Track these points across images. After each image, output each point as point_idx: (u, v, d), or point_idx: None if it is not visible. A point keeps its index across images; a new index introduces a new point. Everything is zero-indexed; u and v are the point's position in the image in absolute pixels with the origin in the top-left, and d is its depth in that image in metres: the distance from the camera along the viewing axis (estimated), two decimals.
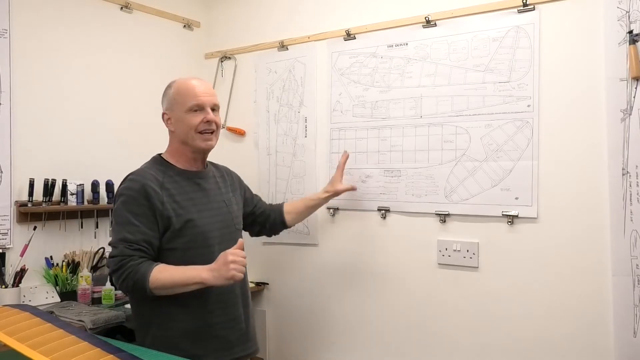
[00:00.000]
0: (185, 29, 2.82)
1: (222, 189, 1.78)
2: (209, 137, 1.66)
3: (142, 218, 1.54)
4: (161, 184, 1.60)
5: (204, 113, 1.64)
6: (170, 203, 1.58)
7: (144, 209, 1.54)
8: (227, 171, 1.91)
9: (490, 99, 2.00)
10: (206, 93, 1.66)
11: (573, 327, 1.86)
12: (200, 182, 1.70)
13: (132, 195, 1.56)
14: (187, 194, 1.64)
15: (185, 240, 1.59)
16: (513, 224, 1.96)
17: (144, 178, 1.59)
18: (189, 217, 1.60)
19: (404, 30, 2.20)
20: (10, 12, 2.10)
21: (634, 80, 1.72)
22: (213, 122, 1.65)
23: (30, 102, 2.17)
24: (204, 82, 1.71)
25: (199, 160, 1.73)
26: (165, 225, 1.57)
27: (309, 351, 2.51)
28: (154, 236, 1.55)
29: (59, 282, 2.17)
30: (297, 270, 2.54)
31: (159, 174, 1.63)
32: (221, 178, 1.82)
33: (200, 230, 1.62)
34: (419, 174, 2.16)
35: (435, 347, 2.15)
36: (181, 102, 1.64)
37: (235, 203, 1.83)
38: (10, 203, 2.10)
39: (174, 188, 1.62)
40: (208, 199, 1.70)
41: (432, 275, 2.15)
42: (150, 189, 1.56)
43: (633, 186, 1.73)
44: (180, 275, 1.49)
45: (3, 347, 1.28)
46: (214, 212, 1.70)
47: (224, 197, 1.77)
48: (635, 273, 1.73)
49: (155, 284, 1.48)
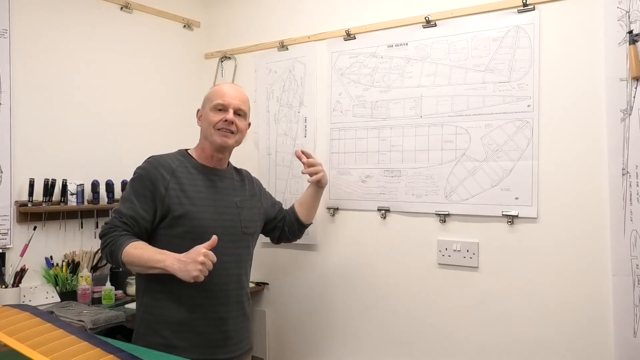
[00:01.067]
0: (185, 29, 2.82)
1: (237, 190, 1.80)
2: (226, 134, 1.70)
3: (142, 198, 1.61)
4: (173, 171, 1.67)
5: (225, 113, 1.70)
6: (176, 191, 1.64)
7: (145, 191, 1.62)
8: (249, 176, 1.93)
9: (490, 99, 2.00)
10: (233, 96, 1.72)
11: (573, 327, 1.86)
12: (214, 179, 1.74)
13: (142, 175, 1.65)
14: (197, 187, 1.69)
15: (182, 230, 1.63)
16: (513, 224, 1.96)
17: (157, 162, 1.67)
18: (190, 208, 1.64)
19: (404, 30, 2.20)
20: (10, 12, 2.10)
21: (634, 80, 1.72)
22: (233, 122, 1.70)
23: (30, 102, 2.17)
24: (236, 88, 1.78)
25: (219, 159, 1.76)
26: (166, 210, 1.62)
27: (308, 351, 2.51)
28: (144, 217, 1.61)
29: (59, 282, 2.17)
30: (297, 270, 2.54)
31: (176, 162, 1.70)
32: (240, 182, 1.85)
33: (199, 223, 1.64)
34: (419, 174, 2.16)
35: (435, 346, 2.15)
36: (210, 100, 1.74)
37: (250, 208, 1.82)
38: (10, 203, 2.10)
39: (185, 178, 1.68)
40: (218, 196, 1.72)
41: (432, 275, 2.15)
42: (159, 173, 1.64)
43: (633, 186, 1.73)
44: (148, 256, 1.52)
45: (3, 347, 1.28)
46: (221, 209, 1.71)
47: (237, 199, 1.78)
48: (635, 273, 1.73)
49: (127, 258, 1.53)
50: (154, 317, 1.64)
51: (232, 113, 1.70)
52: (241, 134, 1.75)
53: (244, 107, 1.75)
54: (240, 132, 1.74)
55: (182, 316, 1.64)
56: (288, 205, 2.15)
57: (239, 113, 1.73)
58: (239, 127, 1.72)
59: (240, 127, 1.73)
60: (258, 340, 2.62)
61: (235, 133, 1.72)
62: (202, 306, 1.66)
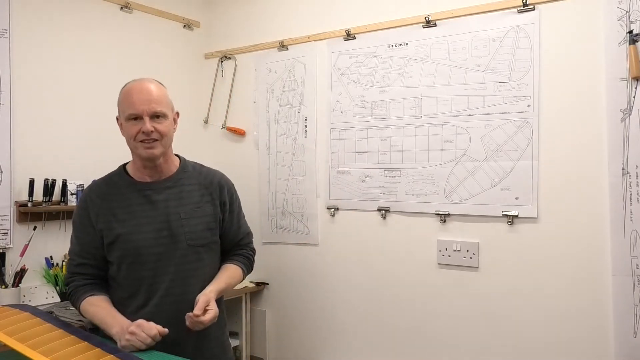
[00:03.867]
0: (185, 29, 2.82)
1: (183, 199, 1.60)
2: (150, 145, 1.51)
3: (84, 228, 1.56)
4: (104, 195, 1.57)
5: (140, 123, 1.49)
6: (107, 216, 1.54)
7: (85, 220, 1.55)
8: (219, 181, 1.69)
9: (490, 99, 2.00)
10: (143, 100, 1.50)
11: (573, 327, 1.86)
12: (149, 194, 1.57)
13: (78, 206, 1.61)
14: (129, 207, 1.56)
15: (117, 255, 1.53)
16: (513, 224, 1.96)
17: (90, 189, 1.62)
18: (121, 232, 1.52)
19: (404, 30, 2.20)
20: (10, 12, 2.10)
21: (634, 80, 1.72)
22: (152, 131, 1.49)
23: (31, 102, 2.17)
24: (145, 87, 1.54)
25: (151, 169, 1.58)
26: (100, 237, 1.54)
27: (308, 351, 2.51)
28: (94, 246, 1.55)
29: (59, 282, 2.17)
30: (297, 270, 2.54)
31: (109, 185, 1.60)
32: (193, 186, 1.63)
33: (133, 245, 1.52)
34: (419, 174, 2.16)
35: (435, 346, 2.15)
36: (122, 110, 1.55)
37: (201, 216, 1.61)
38: (10, 203, 2.09)
39: (116, 201, 1.56)
40: (154, 212, 1.56)
41: (432, 275, 2.15)
42: (90, 200, 1.57)
43: (633, 186, 1.73)
44: (99, 320, 1.48)
45: (3, 347, 1.29)
46: (160, 225, 1.55)
47: (182, 209, 1.58)
48: (635, 273, 1.73)
49: (84, 314, 1.53)
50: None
51: (147, 122, 1.48)
52: (167, 137, 1.54)
53: (159, 107, 1.51)
54: (165, 135, 1.52)
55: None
56: (289, 205, 2.14)
57: (157, 115, 1.51)
58: (161, 132, 1.51)
59: (162, 131, 1.51)
60: (258, 340, 2.62)
61: (160, 139, 1.51)
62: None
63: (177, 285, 1.53)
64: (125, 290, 1.53)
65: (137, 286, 1.53)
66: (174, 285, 1.53)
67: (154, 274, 1.52)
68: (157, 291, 1.52)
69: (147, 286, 1.52)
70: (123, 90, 1.57)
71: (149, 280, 1.52)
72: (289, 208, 2.54)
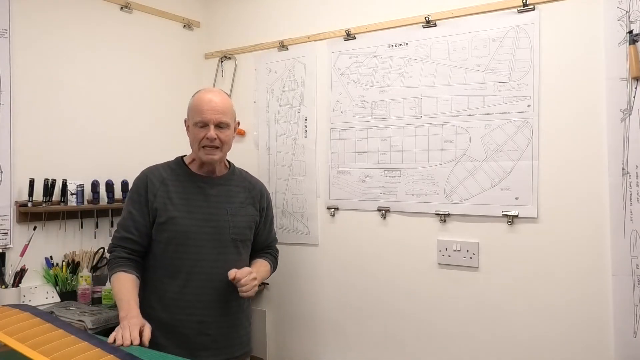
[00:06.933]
0: (185, 29, 2.82)
1: (232, 197, 1.82)
2: (211, 151, 1.73)
3: (136, 204, 1.73)
4: (163, 179, 1.76)
5: (206, 130, 1.71)
6: (164, 198, 1.73)
7: (140, 197, 1.74)
8: (261, 189, 1.93)
9: (490, 99, 2.00)
10: (212, 110, 1.71)
11: (573, 327, 1.86)
12: (204, 187, 1.78)
13: (135, 184, 1.78)
14: (184, 194, 1.75)
15: (167, 235, 1.72)
16: (513, 224, 1.96)
17: (149, 171, 1.79)
18: (174, 214, 1.72)
19: (404, 30, 2.20)
20: (10, 12, 2.10)
21: (634, 80, 1.72)
22: (215, 139, 1.72)
23: (30, 102, 2.17)
24: (215, 98, 1.74)
25: (208, 168, 1.80)
26: (153, 216, 1.72)
27: (308, 351, 2.51)
28: (141, 222, 1.73)
29: (59, 282, 2.17)
30: (297, 270, 2.54)
31: (167, 171, 1.79)
32: (239, 188, 1.86)
33: (182, 229, 1.71)
34: (419, 174, 2.16)
35: (435, 346, 2.15)
36: (191, 115, 1.76)
37: (244, 215, 1.83)
38: (10, 203, 2.09)
39: (174, 186, 1.76)
40: (207, 203, 1.77)
41: (432, 276, 2.15)
42: (149, 181, 1.75)
43: (633, 186, 1.73)
44: (118, 297, 1.62)
45: (3, 347, 1.29)
46: (209, 216, 1.76)
47: (229, 206, 1.80)
48: (635, 273, 1.73)
49: (111, 284, 1.70)
50: (144, 316, 1.63)
51: (212, 130, 1.71)
52: (227, 144, 1.77)
53: (225, 118, 1.74)
54: (225, 143, 1.76)
55: (166, 316, 1.70)
56: (289, 205, 2.14)
57: (221, 125, 1.73)
58: (223, 140, 1.74)
59: (224, 140, 1.75)
60: (258, 340, 2.61)
61: (220, 147, 1.75)
62: (184, 308, 1.71)
63: (216, 272, 1.72)
64: (168, 269, 1.71)
65: (179, 267, 1.71)
66: (213, 272, 1.72)
67: (197, 258, 1.71)
68: (197, 274, 1.71)
69: (188, 268, 1.71)
70: (195, 97, 1.78)
71: (191, 263, 1.71)
72: (289, 208, 2.54)
